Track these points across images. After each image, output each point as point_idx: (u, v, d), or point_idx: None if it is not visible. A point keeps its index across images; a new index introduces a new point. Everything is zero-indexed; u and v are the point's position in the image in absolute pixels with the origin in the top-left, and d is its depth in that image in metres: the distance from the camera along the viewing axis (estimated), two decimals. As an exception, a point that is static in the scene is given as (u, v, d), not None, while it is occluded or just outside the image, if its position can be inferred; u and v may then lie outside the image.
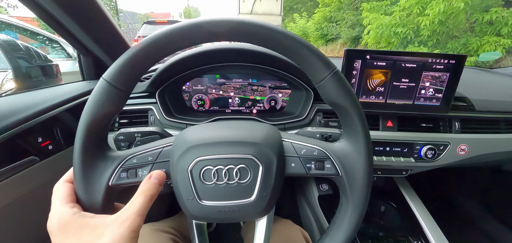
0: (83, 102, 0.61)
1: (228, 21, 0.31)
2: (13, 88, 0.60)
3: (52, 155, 0.53)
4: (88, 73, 0.71)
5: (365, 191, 0.35)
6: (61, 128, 0.56)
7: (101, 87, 0.31)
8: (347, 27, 8.60)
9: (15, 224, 0.50)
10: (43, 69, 0.64)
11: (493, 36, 3.92)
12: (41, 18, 0.53)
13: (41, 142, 0.50)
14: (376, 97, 0.65)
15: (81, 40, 0.61)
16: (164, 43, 0.31)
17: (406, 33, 4.44)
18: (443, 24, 3.94)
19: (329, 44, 10.61)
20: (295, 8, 17.53)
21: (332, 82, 0.33)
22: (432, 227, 0.74)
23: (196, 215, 0.34)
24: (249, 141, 0.34)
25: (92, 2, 0.54)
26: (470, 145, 0.71)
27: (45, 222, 0.28)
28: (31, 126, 0.48)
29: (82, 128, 0.32)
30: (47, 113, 0.52)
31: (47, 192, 0.54)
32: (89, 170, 0.33)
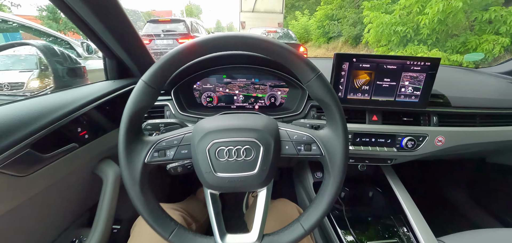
0: (109, 99, 0.71)
1: (237, 36, 0.41)
2: (51, 86, 0.71)
3: (87, 142, 0.63)
4: (111, 74, 0.81)
5: (342, 168, 0.45)
6: (94, 120, 0.66)
7: (140, 86, 0.42)
8: (349, 25, 8.64)
9: (62, 198, 0.61)
10: (74, 71, 0.75)
11: (492, 34, 3.98)
12: (75, 24, 0.63)
13: (80, 131, 0.61)
14: (362, 94, 0.75)
15: (108, 45, 0.71)
16: (187, 54, 0.41)
17: (406, 32, 4.50)
18: (442, 23, 4.00)
19: (330, 42, 10.65)
20: (297, 6, 17.51)
21: (317, 83, 0.43)
22: (413, 211, 0.84)
23: (212, 184, 0.44)
24: (253, 128, 0.44)
25: (122, 14, 0.64)
26: (446, 137, 0.81)
27: (84, 197, 0.38)
28: (73, 118, 0.58)
29: (125, 118, 0.42)
30: (84, 108, 0.62)
31: (84, 172, 0.65)
32: (131, 151, 0.43)
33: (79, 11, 0.59)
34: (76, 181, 0.65)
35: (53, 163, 0.54)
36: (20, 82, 0.90)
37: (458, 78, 1.08)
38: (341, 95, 0.75)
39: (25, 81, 0.90)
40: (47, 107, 0.54)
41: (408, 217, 0.82)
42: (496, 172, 1.22)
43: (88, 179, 0.69)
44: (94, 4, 0.57)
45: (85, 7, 0.57)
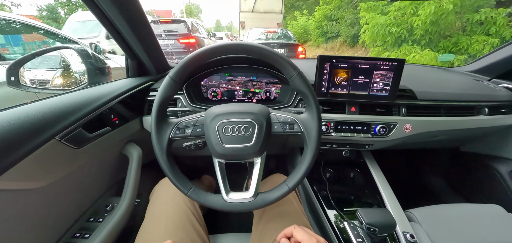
0: (131, 94, 0.86)
1: (238, 44, 0.57)
2: (84, 82, 0.86)
3: (118, 127, 0.79)
4: (132, 72, 0.97)
5: (316, 142, 0.60)
6: (121, 110, 0.82)
7: (167, 81, 0.57)
8: (347, 25, 8.80)
9: (98, 172, 0.77)
10: (102, 70, 0.90)
11: (483, 35, 4.13)
12: (106, 28, 0.77)
13: (113, 118, 0.76)
14: (341, 89, 0.90)
15: (132, 47, 0.86)
16: (201, 57, 0.57)
17: (400, 33, 4.67)
18: (434, 24, 4.16)
19: (329, 42, 10.81)
20: (296, 6, 17.68)
21: (297, 78, 0.58)
22: (385, 188, 0.99)
23: (220, 153, 0.59)
24: (250, 112, 0.59)
25: (145, 20, 0.79)
26: (413, 125, 0.96)
27: (114, 172, 0.53)
28: (109, 107, 0.74)
29: (156, 105, 0.58)
30: (116, 99, 0.77)
31: (115, 151, 0.81)
32: (160, 129, 0.59)
33: (111, 15, 0.71)
34: (109, 158, 0.80)
35: (95, 141, 0.69)
36: (46, 79, 1.04)
37: (430, 76, 1.23)
38: (324, 90, 0.90)
39: (50, 79, 1.04)
40: (91, 97, 0.70)
41: (381, 193, 0.97)
42: (467, 159, 1.38)
43: (116, 157, 0.84)
44: (124, 10, 0.70)
45: (117, 13, 0.69)
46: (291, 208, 0.75)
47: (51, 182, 0.59)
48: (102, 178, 0.81)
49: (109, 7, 0.67)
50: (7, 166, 0.47)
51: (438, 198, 1.45)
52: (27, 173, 0.52)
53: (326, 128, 0.93)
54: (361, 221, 0.70)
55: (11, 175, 0.48)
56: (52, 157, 0.57)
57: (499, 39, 3.94)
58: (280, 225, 0.67)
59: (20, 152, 0.49)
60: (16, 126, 0.50)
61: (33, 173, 0.54)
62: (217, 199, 0.60)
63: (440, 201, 1.44)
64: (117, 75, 1.01)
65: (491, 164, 1.23)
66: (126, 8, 0.69)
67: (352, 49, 8.74)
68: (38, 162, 0.54)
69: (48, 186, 0.58)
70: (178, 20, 6.56)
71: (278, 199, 0.60)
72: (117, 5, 0.66)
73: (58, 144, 0.58)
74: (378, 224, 0.67)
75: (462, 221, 0.82)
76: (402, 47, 4.71)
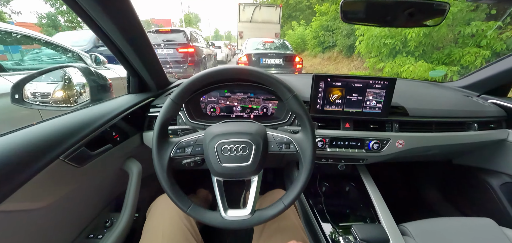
0: (133, 110, 0.89)
1: (239, 69, 0.60)
2: (87, 99, 0.89)
3: (119, 143, 0.81)
4: (133, 89, 0.99)
5: (311, 161, 0.63)
6: (122, 126, 0.84)
7: (168, 103, 0.60)
8: (343, 36, 8.97)
9: (99, 188, 0.78)
10: (104, 87, 0.93)
11: (474, 47, 4.25)
12: (109, 49, 0.80)
13: (114, 135, 0.78)
14: (336, 106, 0.94)
15: (133, 65, 0.89)
16: (201, 80, 0.60)
17: (395, 44, 4.78)
18: (427, 36, 4.28)
19: (326, 51, 10.98)
20: (293, 16, 18.01)
21: (292, 100, 0.61)
22: (379, 202, 1.01)
23: (219, 172, 0.62)
24: (247, 132, 0.62)
25: (147, 40, 0.82)
26: (406, 140, 0.99)
27: (113, 188, 0.56)
28: (111, 124, 0.76)
29: (158, 126, 0.60)
30: (118, 117, 0.80)
31: (115, 167, 0.82)
32: (161, 148, 0.61)
33: (112, 34, 0.73)
34: (109, 175, 0.82)
35: (97, 159, 0.71)
36: (47, 92, 1.06)
37: (421, 92, 1.27)
38: (319, 107, 0.93)
39: (51, 92, 1.06)
40: (94, 116, 0.72)
41: (375, 207, 1.00)
42: (460, 172, 1.41)
43: (117, 173, 0.86)
44: (124, 29, 0.71)
45: (117, 32, 0.71)
46: (289, 223, 0.77)
47: (53, 201, 0.61)
48: (102, 193, 0.82)
49: (110, 27, 0.69)
50: (14, 188, 0.49)
51: (433, 211, 1.47)
52: (30, 194, 0.54)
53: (322, 144, 0.96)
54: (355, 236, 0.72)
55: (16, 197, 0.49)
56: (55, 176, 0.59)
57: (490, 51, 4.06)
58: (280, 240, 0.69)
59: (27, 173, 0.51)
60: (23, 147, 0.52)
61: (37, 194, 0.56)
62: (216, 216, 0.62)
63: (434, 213, 1.47)
64: (117, 85, 1.03)
65: (483, 176, 1.26)
66: (126, 27, 0.71)
67: (349, 59, 8.89)
68: (42, 182, 0.56)
69: (49, 206, 0.60)
70: (177, 30, 6.66)
71: (275, 216, 0.62)
72: (117, 24, 0.68)
73: (61, 163, 0.60)
74: (372, 240, 0.70)
75: (454, 235, 0.84)
76: (397, 58, 4.82)
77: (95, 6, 0.58)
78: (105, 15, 0.61)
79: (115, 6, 0.62)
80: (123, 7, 0.64)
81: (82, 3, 0.57)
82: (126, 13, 0.66)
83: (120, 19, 0.65)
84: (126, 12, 0.65)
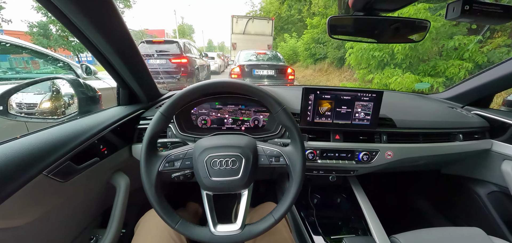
0: (122, 123, 0.87)
1: (229, 82, 0.61)
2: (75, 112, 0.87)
3: (106, 157, 0.79)
4: (123, 101, 0.98)
5: (301, 174, 0.63)
6: (111, 139, 0.82)
7: (158, 116, 0.60)
8: (333, 48, 9.20)
9: (83, 203, 0.76)
10: (93, 98, 0.91)
11: (458, 60, 4.44)
12: (99, 61, 0.78)
13: (101, 148, 0.77)
14: (326, 118, 0.95)
15: (124, 77, 0.88)
16: (190, 94, 0.60)
17: (383, 57, 4.94)
18: (413, 49, 4.45)
19: (317, 63, 11.21)
20: (285, 28, 18.44)
21: (282, 114, 0.62)
22: (371, 214, 1.02)
23: (208, 186, 0.61)
24: (237, 145, 0.62)
25: (137, 53, 0.81)
26: (394, 151, 1.01)
27: (99, 203, 0.54)
28: (98, 137, 0.75)
29: (146, 139, 0.60)
30: (106, 130, 0.78)
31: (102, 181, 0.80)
32: (149, 162, 0.60)
33: (100, 46, 0.72)
34: (96, 189, 0.80)
35: (82, 173, 0.69)
36: (34, 103, 1.04)
37: (409, 104, 1.31)
38: (310, 119, 0.95)
39: (38, 103, 1.04)
40: (81, 129, 0.71)
41: (366, 219, 1.00)
42: (449, 181, 1.44)
43: (103, 187, 0.83)
44: (112, 40, 0.70)
45: (105, 43, 0.69)
46: (280, 237, 0.76)
47: (34, 219, 0.58)
48: (87, 209, 0.79)
49: (98, 39, 0.67)
50: None
51: (424, 221, 1.49)
52: (11, 211, 0.51)
53: (313, 155, 0.96)
54: None
55: None
56: (38, 192, 0.57)
57: (472, 63, 4.24)
58: None
59: (7, 190, 0.49)
60: (4, 162, 0.50)
61: (17, 211, 0.53)
62: (204, 232, 0.60)
63: (426, 223, 1.48)
64: (108, 96, 1.02)
65: (470, 186, 1.29)
66: (114, 39, 0.70)
67: (339, 71, 9.09)
68: (23, 199, 0.53)
69: (30, 223, 0.57)
70: (170, 41, 6.69)
71: (265, 231, 0.61)
72: (105, 36, 0.66)
73: (44, 179, 0.58)
74: None
75: None
76: (385, 70, 4.96)
77: (82, 18, 0.57)
78: (92, 27, 0.61)
79: (103, 18, 0.61)
80: (111, 19, 0.63)
81: (69, 14, 0.56)
82: (114, 25, 0.65)
83: (108, 31, 0.65)
84: (114, 24, 0.65)
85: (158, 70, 5.99)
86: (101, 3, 0.56)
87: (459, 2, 0.58)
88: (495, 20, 0.63)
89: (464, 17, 0.59)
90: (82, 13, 0.55)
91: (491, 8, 0.60)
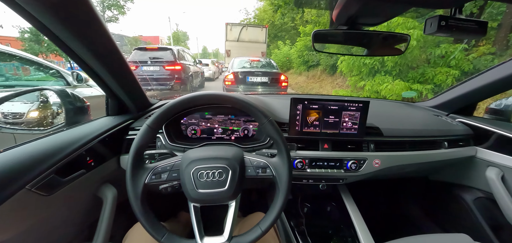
0: (110, 133, 0.87)
1: (216, 95, 0.61)
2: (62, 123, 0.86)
3: (93, 168, 0.78)
4: (112, 111, 0.97)
5: (287, 186, 0.64)
6: (98, 150, 0.81)
7: (144, 129, 0.60)
8: (326, 56, 9.37)
9: (68, 217, 0.74)
10: (81, 109, 0.91)
11: (445, 67, 4.59)
12: (86, 72, 0.78)
13: (88, 160, 0.76)
14: (314, 128, 0.97)
15: (112, 88, 0.88)
16: (178, 106, 0.60)
17: (373, 64, 5.06)
18: (402, 57, 4.58)
19: (310, 70, 11.36)
20: (279, 36, 18.69)
21: (268, 125, 0.63)
22: (359, 222, 1.03)
23: (195, 198, 0.61)
24: (224, 157, 0.63)
25: (125, 65, 0.81)
26: (382, 160, 1.03)
27: (85, 216, 0.53)
28: (85, 149, 0.74)
29: (132, 152, 0.60)
30: (93, 141, 0.78)
31: (88, 194, 0.79)
32: (135, 175, 0.60)
33: (89, 62, 0.72)
34: (81, 202, 0.78)
35: (68, 186, 0.68)
36: (21, 112, 1.02)
37: (395, 112, 1.35)
38: (298, 128, 0.96)
39: (25, 112, 1.03)
40: (67, 140, 0.70)
41: (355, 227, 1.01)
42: (436, 188, 1.47)
43: (90, 200, 0.82)
44: (96, 50, 0.68)
45: (94, 60, 0.70)
46: None
47: (16, 234, 0.57)
48: (72, 222, 0.78)
49: (82, 50, 0.66)
50: None
51: (413, 227, 1.51)
52: None
53: (302, 165, 0.97)
54: None
55: None
56: (20, 207, 0.56)
57: (459, 70, 4.39)
58: None
59: None
60: None
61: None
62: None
63: (415, 230, 1.50)
64: (100, 103, 1.01)
65: (457, 192, 1.32)
66: (99, 51, 0.69)
67: (332, 77, 9.24)
68: (5, 214, 0.52)
69: (12, 239, 0.56)
70: (164, 48, 6.69)
71: (252, 242, 0.61)
72: (89, 48, 0.65)
73: (27, 193, 0.57)
74: None
75: None
76: (376, 77, 5.08)
77: (62, 29, 0.57)
78: (74, 38, 0.60)
79: (83, 28, 0.60)
80: (94, 30, 0.62)
81: (49, 25, 0.55)
82: (97, 35, 0.64)
83: (91, 41, 0.64)
84: (97, 34, 0.64)
85: (152, 77, 5.97)
86: (81, 14, 0.56)
87: (436, 18, 0.61)
88: (471, 35, 0.66)
89: (441, 32, 0.62)
90: (62, 25, 0.54)
91: (466, 23, 0.63)
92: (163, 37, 52.98)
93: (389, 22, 0.68)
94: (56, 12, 0.51)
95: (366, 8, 0.64)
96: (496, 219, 1.16)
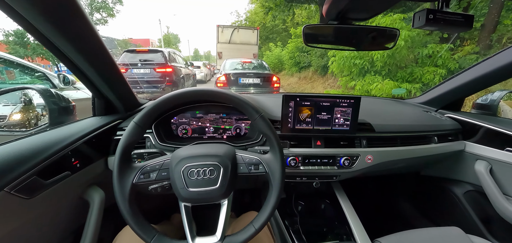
0: (97, 134, 0.83)
1: (206, 91, 0.60)
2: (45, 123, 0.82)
3: (79, 170, 0.75)
4: (98, 111, 0.94)
5: (280, 182, 0.62)
6: (84, 152, 0.78)
7: (132, 126, 0.58)
8: (317, 56, 9.48)
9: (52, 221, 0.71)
10: (66, 109, 0.87)
11: (432, 66, 4.72)
12: (72, 71, 0.75)
13: (73, 161, 0.73)
14: (306, 125, 0.96)
15: (98, 87, 0.85)
16: (167, 103, 0.59)
17: (363, 64, 5.15)
18: (391, 57, 4.68)
19: (302, 71, 11.46)
20: (270, 38, 18.82)
21: (260, 121, 0.62)
22: (353, 218, 1.03)
23: (185, 197, 0.59)
24: (215, 154, 0.61)
25: (112, 62, 0.78)
26: (374, 155, 1.04)
27: (70, 220, 0.50)
28: (70, 150, 0.71)
29: (119, 150, 0.57)
30: (78, 142, 0.74)
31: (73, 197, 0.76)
32: (123, 175, 0.58)
33: (75, 59, 0.69)
34: (66, 205, 0.75)
35: (51, 188, 0.65)
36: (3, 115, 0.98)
37: (386, 109, 1.36)
38: (291, 126, 0.95)
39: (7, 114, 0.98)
40: (50, 141, 0.67)
41: (349, 223, 1.01)
42: (428, 183, 1.50)
43: (75, 203, 0.79)
44: (82, 47, 0.66)
45: (80, 57, 0.67)
46: None
47: None
48: (56, 227, 0.74)
49: (68, 48, 0.64)
50: None
51: (407, 222, 1.53)
52: None
53: (295, 162, 0.96)
54: None
55: None
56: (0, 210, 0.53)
57: (445, 69, 4.53)
58: None
59: None
60: None
61: None
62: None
63: (408, 225, 1.52)
64: (88, 106, 0.98)
65: (448, 186, 1.35)
66: (86, 49, 0.67)
67: (323, 78, 9.34)
68: None
69: None
70: (155, 50, 6.61)
71: (245, 241, 0.60)
72: (76, 46, 0.63)
73: (7, 196, 0.54)
74: None
75: None
76: (366, 77, 5.17)
77: (48, 26, 0.55)
78: (59, 35, 0.58)
79: (70, 26, 0.58)
80: (80, 27, 0.60)
81: (33, 22, 0.53)
82: (83, 32, 0.62)
83: (78, 39, 0.62)
84: (83, 31, 0.62)
85: (143, 79, 5.87)
86: (68, 11, 0.54)
87: (424, 12, 0.62)
88: (458, 28, 0.67)
89: (428, 25, 0.63)
90: (48, 21, 0.53)
91: (454, 17, 0.64)
92: (154, 40, 52.33)
93: (377, 22, 0.68)
94: (42, 9, 0.50)
95: (355, 2, 0.64)
96: (486, 211, 1.19)
